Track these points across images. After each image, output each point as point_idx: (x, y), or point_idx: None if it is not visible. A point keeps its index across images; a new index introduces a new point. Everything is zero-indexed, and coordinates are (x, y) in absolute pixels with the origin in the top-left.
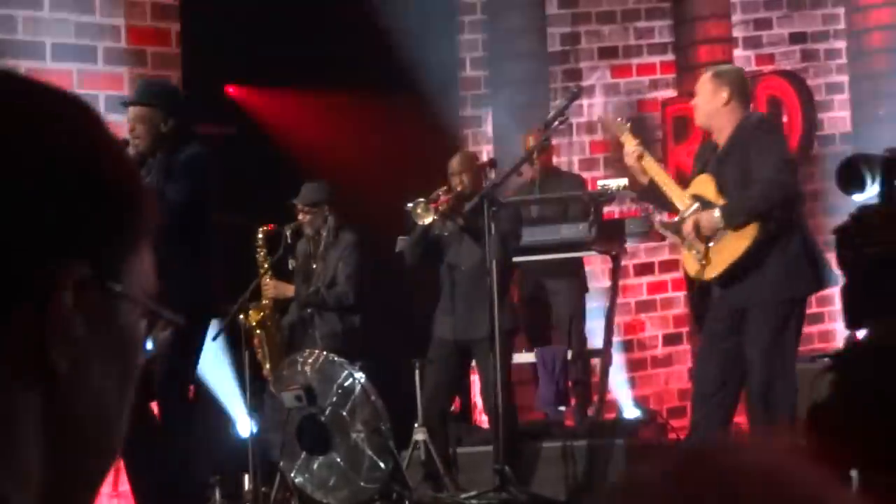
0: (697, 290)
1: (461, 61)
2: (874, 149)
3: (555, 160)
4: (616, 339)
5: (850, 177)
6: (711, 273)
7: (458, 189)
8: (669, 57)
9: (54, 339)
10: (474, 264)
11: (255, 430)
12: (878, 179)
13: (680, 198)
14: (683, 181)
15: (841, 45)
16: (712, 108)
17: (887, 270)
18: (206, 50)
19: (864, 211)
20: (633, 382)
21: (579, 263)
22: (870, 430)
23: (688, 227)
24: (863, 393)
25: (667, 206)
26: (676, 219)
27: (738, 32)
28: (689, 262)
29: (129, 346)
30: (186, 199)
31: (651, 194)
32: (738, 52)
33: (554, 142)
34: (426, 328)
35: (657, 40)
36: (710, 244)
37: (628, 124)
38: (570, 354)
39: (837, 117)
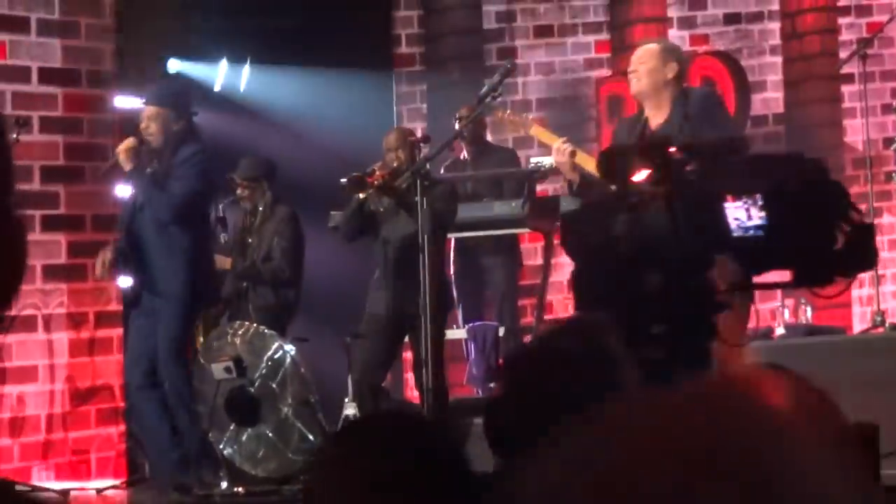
0: None
1: (396, 38)
2: (806, 128)
3: (489, 137)
4: (548, 316)
5: (606, 166)
6: None
7: (394, 165)
8: (605, 36)
9: None
10: (406, 239)
11: None
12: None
13: None
14: None
15: (775, 26)
16: (659, 79)
17: (605, 260)
18: (144, 21)
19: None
20: None
21: (514, 240)
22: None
23: None
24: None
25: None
26: None
27: (672, 12)
28: None
29: None
30: (188, 193)
31: (588, 189)
32: (673, 32)
33: (488, 119)
34: (356, 305)
35: (592, 19)
36: None
37: (531, 117)
38: (501, 331)
39: (770, 98)
